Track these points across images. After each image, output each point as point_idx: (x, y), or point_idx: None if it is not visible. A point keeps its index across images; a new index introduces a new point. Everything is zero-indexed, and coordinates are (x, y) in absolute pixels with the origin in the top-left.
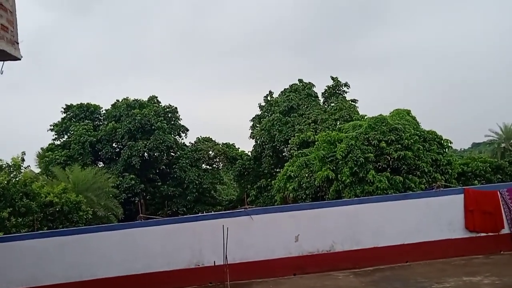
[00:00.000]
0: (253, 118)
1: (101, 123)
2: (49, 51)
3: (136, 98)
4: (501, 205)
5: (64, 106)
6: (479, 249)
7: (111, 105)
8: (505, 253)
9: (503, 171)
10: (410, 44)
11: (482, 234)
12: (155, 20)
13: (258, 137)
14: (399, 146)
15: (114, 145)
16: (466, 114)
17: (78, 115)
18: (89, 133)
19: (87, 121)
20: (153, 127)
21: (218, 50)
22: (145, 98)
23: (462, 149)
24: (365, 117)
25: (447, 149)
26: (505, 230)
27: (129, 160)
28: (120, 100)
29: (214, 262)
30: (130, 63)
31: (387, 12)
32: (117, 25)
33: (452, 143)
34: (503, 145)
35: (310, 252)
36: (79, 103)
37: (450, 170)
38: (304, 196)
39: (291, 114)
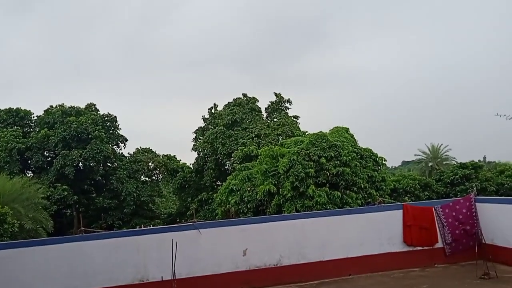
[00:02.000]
0: (196, 130)
1: (31, 129)
2: None
3: (72, 105)
4: (436, 220)
5: None
6: (416, 262)
7: (44, 111)
8: (439, 266)
9: (431, 188)
10: (349, 65)
11: (419, 248)
12: (100, 26)
13: (200, 150)
14: (338, 162)
15: (45, 153)
16: (397, 133)
17: (6, 120)
18: (18, 139)
19: (16, 127)
20: (90, 135)
21: (163, 61)
22: (82, 105)
23: (393, 167)
24: (306, 134)
25: (381, 167)
26: (439, 244)
27: (62, 170)
28: (55, 106)
29: (162, 277)
30: (69, 69)
31: (329, 34)
32: (58, 28)
33: (386, 160)
34: (430, 164)
35: (258, 266)
36: (7, 107)
37: (384, 187)
38: (246, 209)
39: (234, 127)
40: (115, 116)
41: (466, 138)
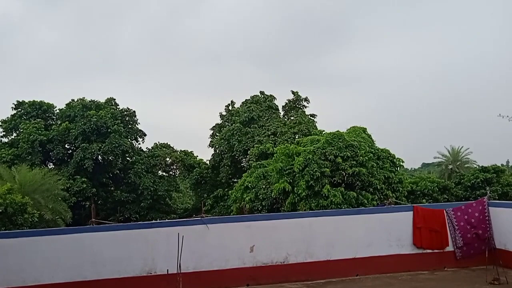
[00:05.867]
0: (213, 126)
1: (53, 122)
2: (7, 42)
3: (92, 99)
4: (447, 223)
5: (15, 103)
6: (425, 265)
7: (66, 104)
8: (449, 269)
9: (449, 191)
10: (369, 65)
11: (428, 251)
12: (127, 20)
13: (217, 146)
14: (354, 162)
15: (66, 146)
16: (418, 135)
17: (30, 112)
18: (40, 132)
19: (38, 119)
20: (109, 129)
21: (185, 56)
22: (102, 99)
23: (413, 169)
24: (323, 132)
25: (399, 168)
26: (449, 248)
27: (81, 163)
28: (76, 100)
29: (167, 270)
30: (93, 63)
31: (350, 33)
32: (86, 21)
33: (404, 162)
34: (450, 166)
35: (264, 263)
36: (31, 100)
37: (400, 188)
38: (261, 207)
39: (251, 125)
40: (134, 111)
41: (489, 141)
